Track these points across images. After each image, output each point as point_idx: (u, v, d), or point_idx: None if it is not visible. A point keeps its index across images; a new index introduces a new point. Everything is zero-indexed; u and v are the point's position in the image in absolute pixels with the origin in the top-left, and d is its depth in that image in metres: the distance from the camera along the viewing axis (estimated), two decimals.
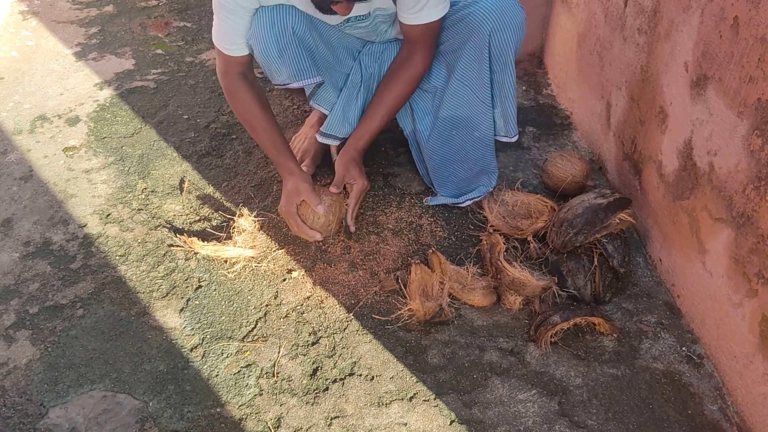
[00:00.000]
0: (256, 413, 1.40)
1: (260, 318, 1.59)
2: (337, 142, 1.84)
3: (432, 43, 1.69)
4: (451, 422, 1.38)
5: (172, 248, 1.76)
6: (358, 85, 1.79)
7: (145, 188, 1.95)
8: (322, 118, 1.98)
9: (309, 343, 1.54)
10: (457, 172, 1.86)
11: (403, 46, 1.72)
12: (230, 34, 1.63)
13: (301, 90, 1.79)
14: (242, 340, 1.55)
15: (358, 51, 1.80)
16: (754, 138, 1.24)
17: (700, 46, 1.39)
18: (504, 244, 1.62)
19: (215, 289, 1.66)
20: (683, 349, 1.51)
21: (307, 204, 1.69)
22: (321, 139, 1.84)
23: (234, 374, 1.48)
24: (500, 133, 1.82)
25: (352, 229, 1.76)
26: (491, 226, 1.73)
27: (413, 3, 1.56)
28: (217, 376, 1.47)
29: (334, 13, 1.49)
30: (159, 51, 2.61)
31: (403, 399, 1.42)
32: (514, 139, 1.82)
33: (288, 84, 1.67)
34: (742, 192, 1.29)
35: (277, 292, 1.66)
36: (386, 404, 1.42)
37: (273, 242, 1.78)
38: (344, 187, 1.78)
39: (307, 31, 1.63)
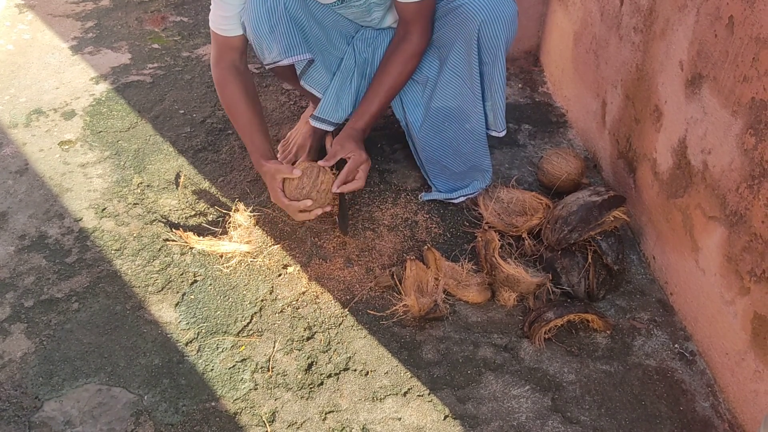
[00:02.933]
0: (251, 407, 1.41)
1: (255, 313, 1.60)
2: (330, 128, 1.79)
3: (428, 21, 1.67)
4: (445, 417, 1.39)
5: (168, 243, 1.76)
6: (351, 70, 1.77)
7: (141, 183, 1.95)
8: None
9: (304, 338, 1.54)
10: (450, 166, 1.86)
11: (399, 27, 1.70)
12: (226, 11, 1.62)
13: (297, 83, 1.78)
14: (237, 334, 1.55)
15: (351, 36, 1.79)
16: (747, 137, 1.25)
17: (696, 45, 1.40)
18: (499, 240, 1.63)
19: (211, 284, 1.66)
20: (676, 346, 1.52)
21: (288, 183, 1.63)
22: (314, 124, 1.79)
23: (229, 368, 1.48)
24: (490, 127, 1.82)
25: (335, 189, 1.63)
26: (486, 222, 1.74)
27: None
28: (212, 370, 1.48)
29: None
30: (155, 45, 2.60)
31: (397, 394, 1.43)
32: (502, 134, 1.82)
33: (279, 61, 1.64)
34: (735, 190, 1.30)
35: (272, 287, 1.66)
36: (381, 399, 1.42)
37: (269, 237, 1.78)
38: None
39: (300, 9, 1.62)
